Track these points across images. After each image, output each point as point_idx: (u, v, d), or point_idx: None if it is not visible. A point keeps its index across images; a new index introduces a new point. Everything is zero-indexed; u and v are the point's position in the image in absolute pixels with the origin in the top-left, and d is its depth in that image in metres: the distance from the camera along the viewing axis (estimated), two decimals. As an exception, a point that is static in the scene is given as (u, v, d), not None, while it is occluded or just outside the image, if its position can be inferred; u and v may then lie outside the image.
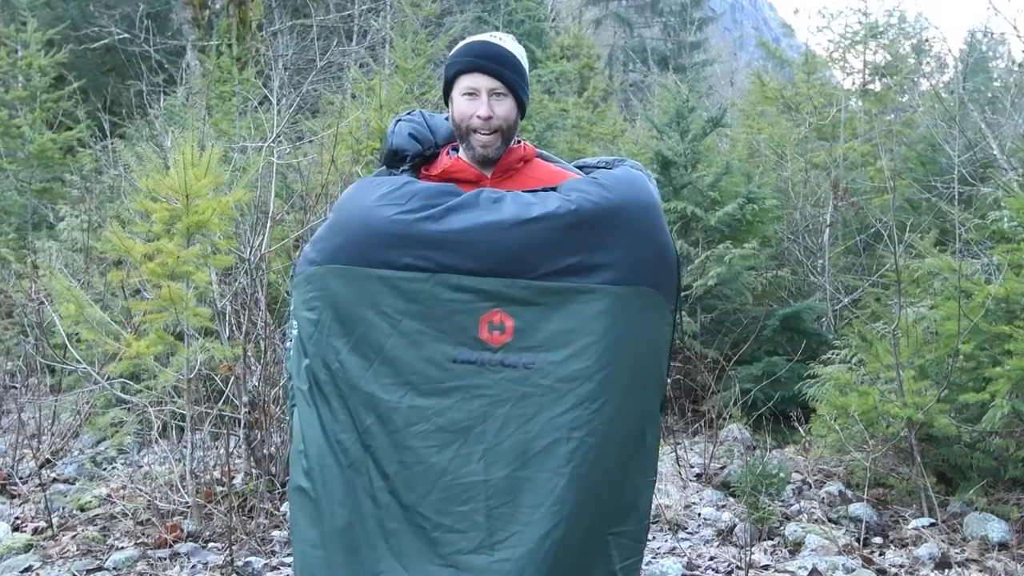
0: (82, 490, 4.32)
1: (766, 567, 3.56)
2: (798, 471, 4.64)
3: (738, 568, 3.50)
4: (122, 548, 3.70)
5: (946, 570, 3.46)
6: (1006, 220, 4.59)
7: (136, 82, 10.23)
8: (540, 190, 2.00)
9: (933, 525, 3.88)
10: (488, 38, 2.06)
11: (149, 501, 3.97)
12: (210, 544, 3.76)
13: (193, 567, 3.54)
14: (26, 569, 3.52)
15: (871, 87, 8.08)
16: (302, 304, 1.98)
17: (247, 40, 11.95)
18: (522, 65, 2.08)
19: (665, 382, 2.11)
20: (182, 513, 3.94)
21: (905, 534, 3.87)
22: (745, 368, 5.44)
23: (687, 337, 5.73)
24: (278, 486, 4.14)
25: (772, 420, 5.27)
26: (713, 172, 6.22)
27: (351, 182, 3.06)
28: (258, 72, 10.47)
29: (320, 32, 10.92)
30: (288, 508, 2.08)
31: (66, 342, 4.57)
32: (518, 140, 2.14)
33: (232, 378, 4.23)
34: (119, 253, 4.24)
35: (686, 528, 4.00)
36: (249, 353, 4.20)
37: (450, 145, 2.17)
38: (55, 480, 4.60)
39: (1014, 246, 4.16)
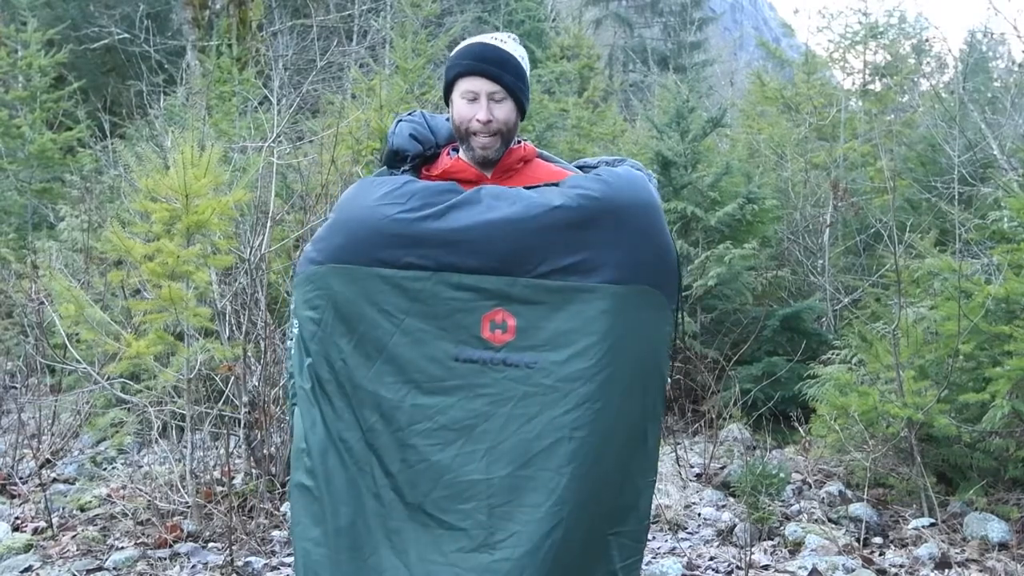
0: (82, 490, 4.32)
1: (766, 567, 3.56)
2: (798, 471, 4.64)
3: (738, 568, 3.50)
4: (122, 548, 3.70)
5: (946, 570, 3.46)
6: (1006, 220, 4.59)
7: (136, 82, 10.23)
8: (541, 186, 2.00)
9: (933, 525, 3.88)
10: (489, 40, 2.06)
11: (149, 501, 3.97)
12: (210, 544, 3.76)
13: (193, 567, 3.54)
14: (26, 569, 3.52)
15: (871, 87, 8.07)
16: (303, 303, 1.98)
17: (247, 40, 11.94)
18: (523, 67, 2.08)
19: (667, 382, 2.11)
20: (182, 513, 3.94)
21: (905, 534, 3.87)
22: (745, 368, 5.44)
23: (687, 337, 5.73)
24: (278, 486, 4.14)
25: (772, 420, 5.27)
26: (713, 172, 6.22)
27: (351, 182, 3.06)
28: (258, 72, 10.47)
29: (320, 32, 10.92)
30: (289, 507, 2.08)
31: (66, 342, 4.57)
32: (519, 140, 2.14)
33: (232, 378, 4.23)
34: (119, 253, 4.24)
35: (686, 528, 4.00)
36: (249, 353, 4.20)
37: (451, 145, 2.17)
38: (55, 480, 4.60)
39: (1014, 246, 4.16)
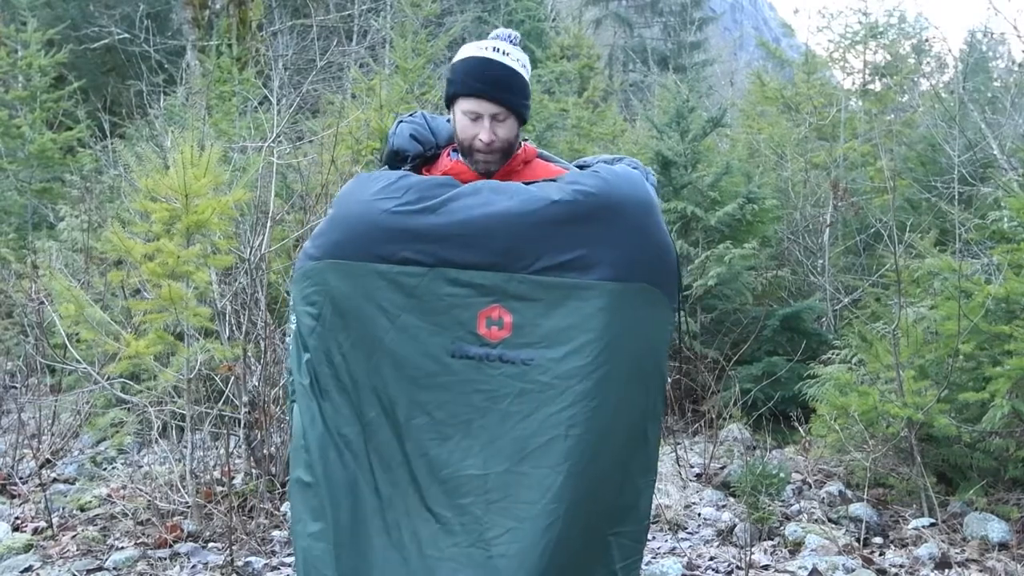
0: (82, 490, 4.32)
1: (766, 567, 3.56)
2: (798, 471, 4.64)
3: (738, 568, 3.50)
4: (122, 548, 3.70)
5: (946, 570, 3.46)
6: (1006, 220, 4.59)
7: (136, 82, 10.23)
8: (540, 182, 2.00)
9: (933, 525, 3.88)
10: (491, 53, 2.04)
11: (149, 501, 3.97)
12: (210, 544, 3.76)
13: (193, 567, 3.54)
14: (26, 569, 3.52)
15: (871, 87, 8.06)
16: (301, 299, 1.98)
17: (247, 40, 11.94)
18: (525, 79, 2.08)
19: (666, 381, 2.10)
20: (182, 513, 3.94)
21: (905, 534, 3.87)
22: (745, 368, 5.44)
23: (687, 337, 5.73)
24: (278, 486, 4.14)
25: (772, 420, 5.27)
26: (713, 172, 6.22)
27: (351, 182, 3.05)
28: (258, 72, 10.47)
29: (320, 32, 10.92)
30: (289, 502, 2.09)
31: (66, 342, 4.57)
32: (520, 143, 2.15)
33: (232, 378, 4.23)
34: (119, 253, 4.24)
35: (686, 528, 4.00)
36: (249, 353, 4.20)
37: (451, 146, 2.17)
38: (55, 480, 4.60)
39: (1014, 246, 4.16)
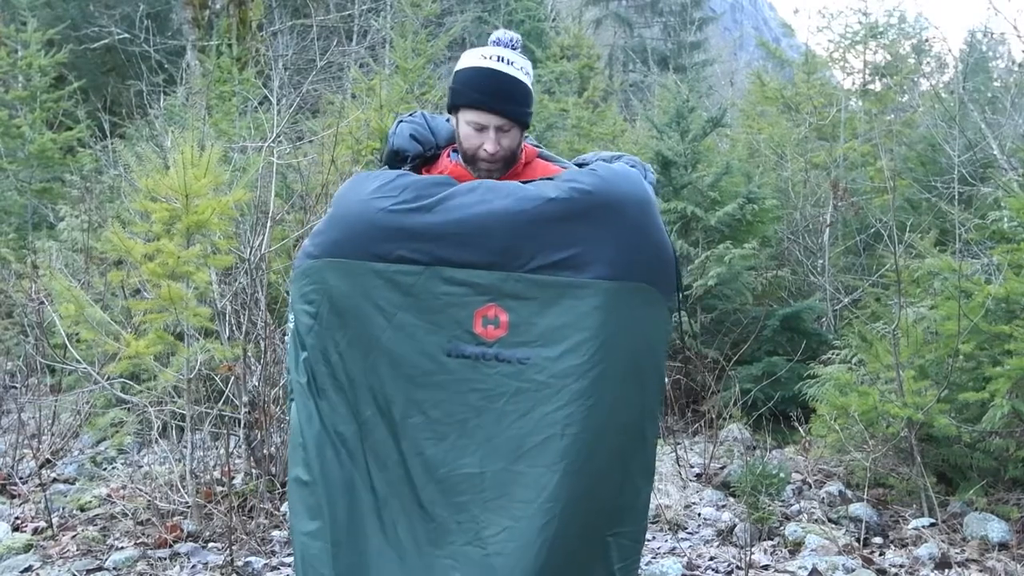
0: (82, 490, 4.32)
1: (766, 567, 3.56)
2: (798, 471, 4.63)
3: (738, 568, 3.50)
4: (122, 548, 3.70)
5: (946, 570, 3.46)
6: (1006, 220, 4.59)
7: (136, 82, 10.23)
8: (537, 180, 2.01)
9: (933, 525, 3.88)
10: (496, 64, 2.04)
11: (149, 501, 3.97)
12: (210, 544, 3.76)
13: (193, 567, 3.54)
14: (26, 569, 3.52)
15: (871, 87, 8.06)
16: (300, 298, 1.99)
17: (247, 40, 11.94)
18: (528, 88, 2.08)
19: (665, 380, 2.10)
20: (182, 513, 3.93)
21: (905, 534, 3.87)
22: (745, 368, 5.44)
23: (687, 337, 5.73)
24: (278, 486, 4.14)
25: (772, 420, 5.27)
26: (713, 172, 6.22)
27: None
28: (258, 72, 10.47)
29: (320, 32, 10.92)
30: (287, 500, 2.09)
31: (66, 342, 4.57)
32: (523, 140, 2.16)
33: (232, 378, 4.23)
34: (119, 253, 4.24)
35: (686, 528, 4.00)
36: (249, 353, 4.20)
37: (451, 147, 2.17)
38: (55, 480, 4.60)
39: (1014, 246, 4.15)
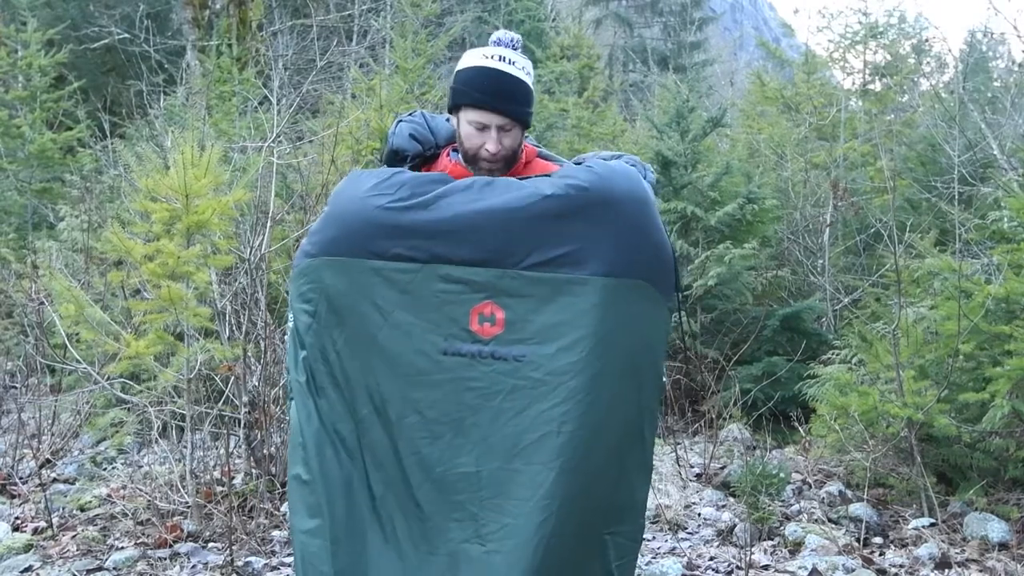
0: (82, 490, 4.32)
1: (766, 567, 3.56)
2: (798, 471, 4.63)
3: (738, 568, 3.50)
4: (122, 548, 3.70)
5: (946, 570, 3.46)
6: (1006, 220, 4.59)
7: (136, 82, 10.23)
8: (534, 177, 2.01)
9: (933, 525, 3.88)
10: (497, 64, 2.04)
11: (149, 501, 3.97)
12: (210, 544, 3.76)
13: (193, 567, 3.54)
14: (26, 569, 3.52)
15: (871, 87, 8.06)
16: (298, 297, 1.99)
17: (247, 40, 11.94)
18: (529, 87, 2.08)
19: (664, 379, 2.10)
20: (182, 513, 3.93)
21: (905, 534, 3.87)
22: (745, 368, 5.44)
23: (687, 337, 5.73)
24: (278, 486, 4.14)
25: (772, 420, 5.27)
26: (713, 172, 6.22)
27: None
28: (258, 72, 10.47)
29: (320, 32, 10.92)
30: (287, 499, 2.09)
31: (66, 342, 4.57)
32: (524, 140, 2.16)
33: (232, 378, 4.23)
34: (119, 253, 4.24)
35: (686, 528, 4.00)
36: (249, 353, 4.20)
37: (450, 146, 2.17)
38: (55, 480, 4.60)
39: (1014, 246, 4.15)
